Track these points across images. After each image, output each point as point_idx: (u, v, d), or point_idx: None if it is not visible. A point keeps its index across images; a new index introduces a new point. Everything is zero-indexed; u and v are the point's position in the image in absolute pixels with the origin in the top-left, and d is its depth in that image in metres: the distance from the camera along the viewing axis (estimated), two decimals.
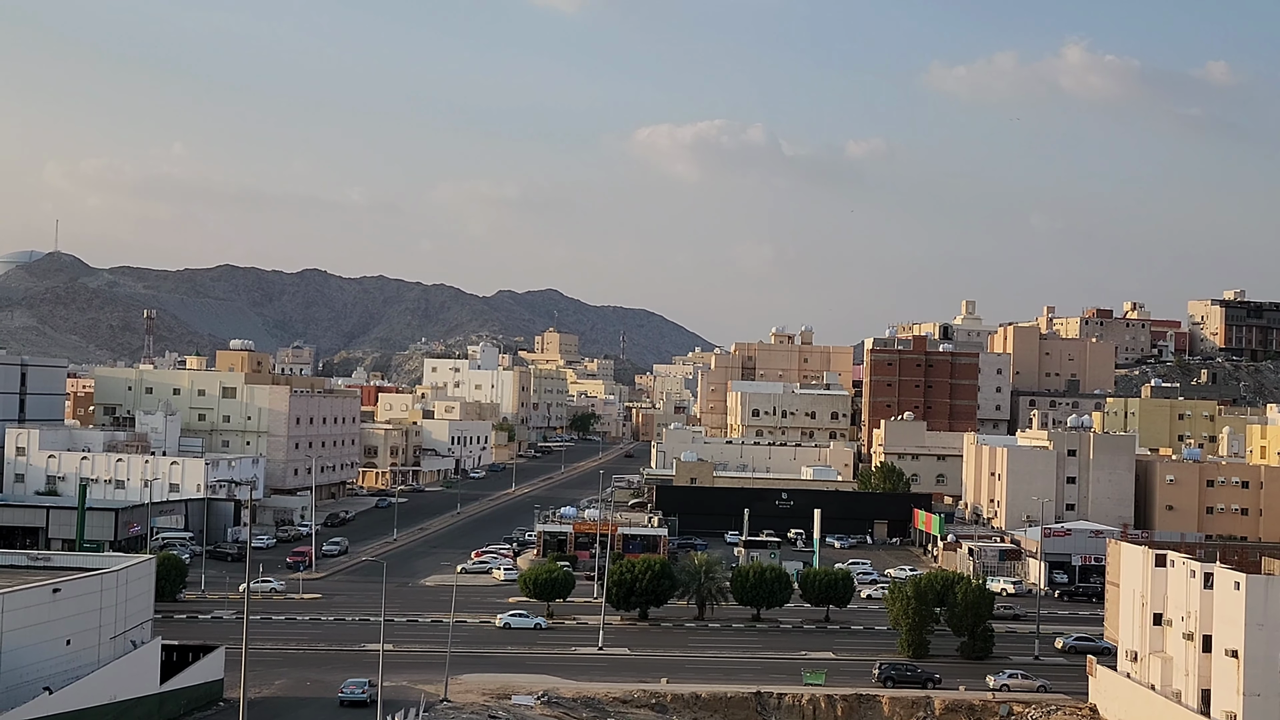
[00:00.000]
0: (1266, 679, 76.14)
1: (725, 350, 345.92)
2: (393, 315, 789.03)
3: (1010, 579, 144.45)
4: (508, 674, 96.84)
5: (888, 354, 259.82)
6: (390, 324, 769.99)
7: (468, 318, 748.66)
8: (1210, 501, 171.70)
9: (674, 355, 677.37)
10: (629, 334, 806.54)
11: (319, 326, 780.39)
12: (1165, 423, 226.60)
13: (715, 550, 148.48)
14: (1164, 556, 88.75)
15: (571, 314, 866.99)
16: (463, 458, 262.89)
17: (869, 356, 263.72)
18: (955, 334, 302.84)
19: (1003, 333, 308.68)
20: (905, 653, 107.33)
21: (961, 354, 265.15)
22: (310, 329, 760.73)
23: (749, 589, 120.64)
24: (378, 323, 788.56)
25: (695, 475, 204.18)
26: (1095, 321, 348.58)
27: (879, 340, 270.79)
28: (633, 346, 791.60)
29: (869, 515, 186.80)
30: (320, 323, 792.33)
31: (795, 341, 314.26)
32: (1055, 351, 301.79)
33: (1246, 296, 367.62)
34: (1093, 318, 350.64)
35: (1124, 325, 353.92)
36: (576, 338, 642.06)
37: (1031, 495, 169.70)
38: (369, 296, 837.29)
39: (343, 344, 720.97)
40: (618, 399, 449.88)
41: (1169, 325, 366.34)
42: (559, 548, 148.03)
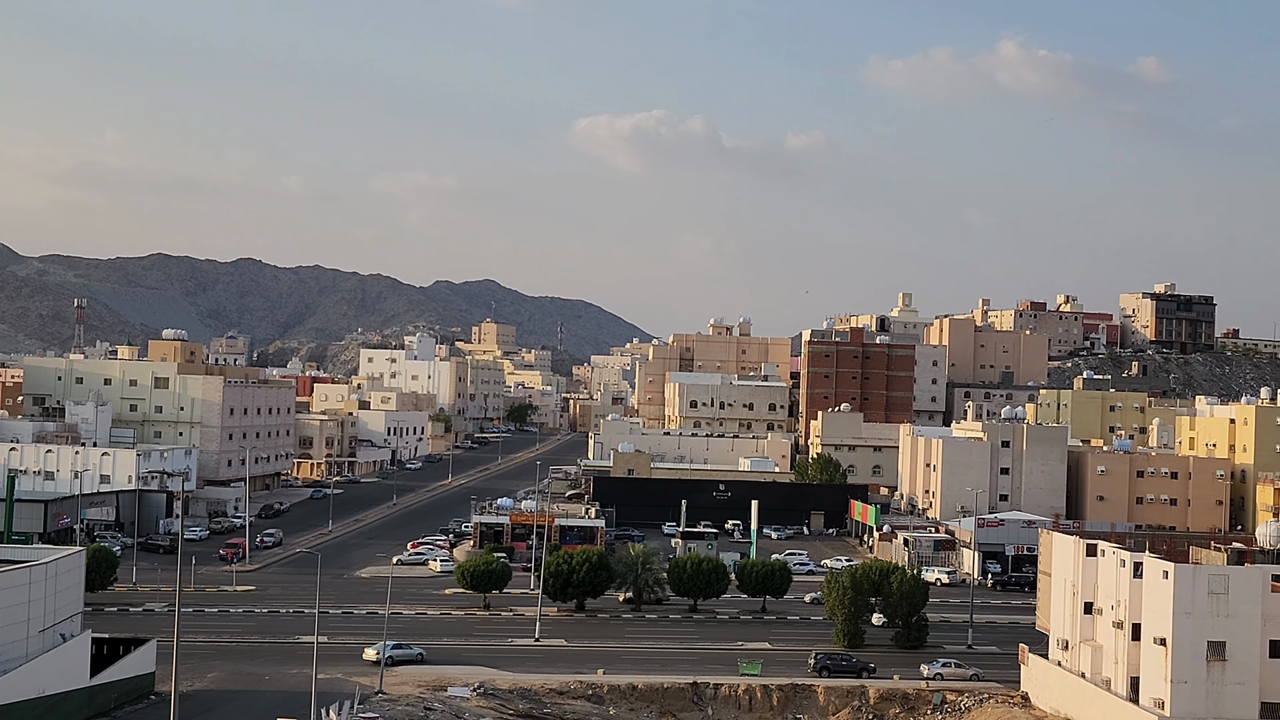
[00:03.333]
0: (1193, 666, 77.42)
1: (663, 342, 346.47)
2: (329, 305, 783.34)
3: (945, 569, 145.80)
4: (443, 666, 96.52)
5: (825, 346, 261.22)
6: (326, 314, 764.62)
7: (404, 308, 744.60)
8: (1140, 492, 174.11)
9: (612, 346, 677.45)
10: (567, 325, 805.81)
11: (253, 316, 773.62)
12: (1097, 414, 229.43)
13: (652, 541, 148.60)
14: (1094, 546, 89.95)
15: (509, 305, 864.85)
16: (399, 449, 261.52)
17: (806, 348, 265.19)
18: (892, 326, 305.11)
19: (939, 325, 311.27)
20: (841, 643, 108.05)
21: (898, 346, 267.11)
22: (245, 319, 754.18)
23: (686, 580, 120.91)
24: (313, 313, 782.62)
25: (633, 466, 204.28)
26: (1029, 314, 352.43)
27: (816, 332, 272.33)
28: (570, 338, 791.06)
29: (806, 506, 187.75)
30: (255, 313, 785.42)
31: (733, 333, 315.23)
32: (990, 344, 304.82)
33: (1177, 290, 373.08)
34: (1027, 311, 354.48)
35: (1057, 318, 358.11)
36: (514, 328, 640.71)
37: (966, 486, 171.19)
38: (305, 286, 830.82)
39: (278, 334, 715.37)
40: (555, 390, 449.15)
41: (1101, 318, 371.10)
42: (495, 539, 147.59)
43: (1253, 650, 77.86)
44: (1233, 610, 77.72)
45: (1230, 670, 77.51)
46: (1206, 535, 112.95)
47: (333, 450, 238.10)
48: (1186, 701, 77.29)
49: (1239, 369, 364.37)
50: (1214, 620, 77.63)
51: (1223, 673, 77.51)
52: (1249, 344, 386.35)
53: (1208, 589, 77.92)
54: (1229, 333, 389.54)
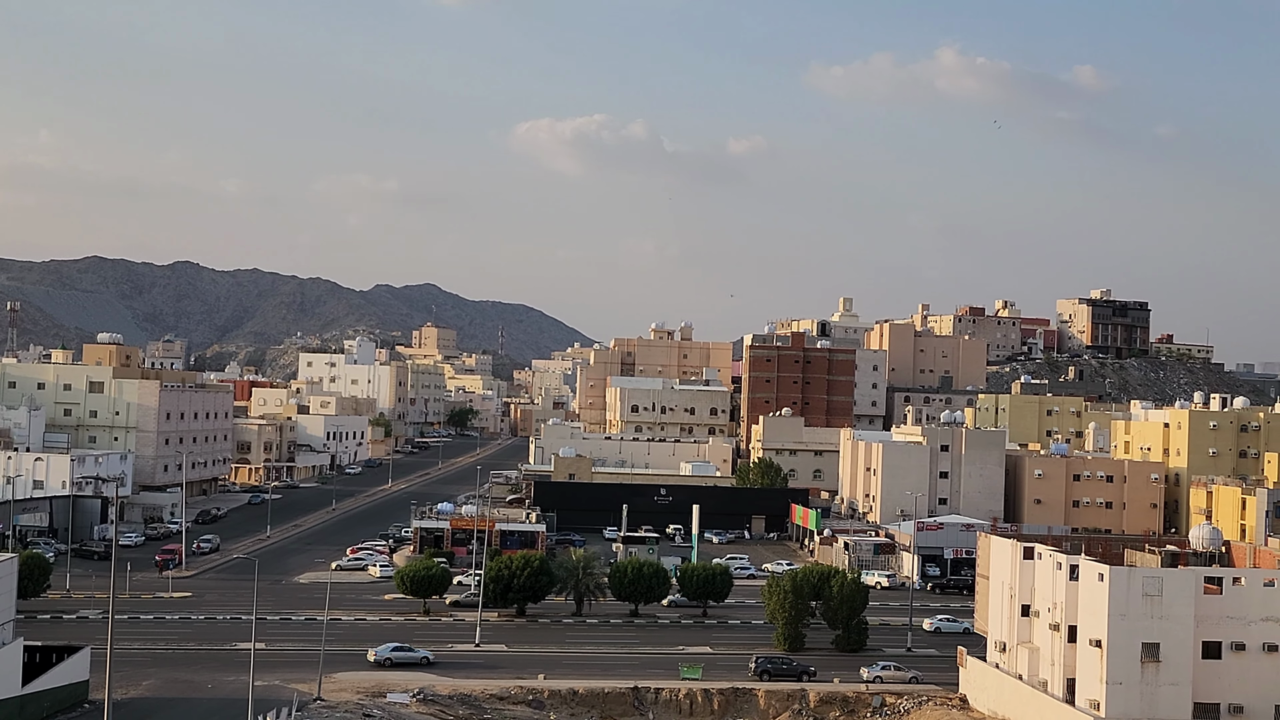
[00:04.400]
0: (1128, 668, 78.37)
1: (605, 346, 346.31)
2: (267, 309, 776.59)
3: (885, 572, 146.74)
4: (383, 671, 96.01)
5: (766, 350, 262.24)
6: (265, 318, 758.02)
7: (344, 312, 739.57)
8: (1076, 495, 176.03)
9: (553, 351, 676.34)
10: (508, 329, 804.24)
11: (191, 320, 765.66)
12: (1034, 418, 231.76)
13: (593, 546, 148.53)
14: (1032, 549, 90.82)
15: (450, 309, 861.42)
16: (338, 453, 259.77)
17: (748, 353, 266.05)
18: (833, 331, 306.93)
19: (879, 330, 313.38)
20: (781, 646, 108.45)
21: (839, 351, 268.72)
22: (182, 322, 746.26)
23: (627, 584, 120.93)
24: (252, 316, 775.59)
25: (574, 471, 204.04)
26: (968, 319, 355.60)
27: (758, 337, 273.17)
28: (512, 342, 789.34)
29: (747, 510, 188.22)
30: (192, 316, 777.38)
31: (675, 337, 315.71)
32: (929, 349, 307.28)
33: (1112, 296, 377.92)
34: (966, 316, 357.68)
35: (995, 323, 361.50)
36: (455, 333, 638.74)
37: (905, 490, 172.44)
38: (243, 290, 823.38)
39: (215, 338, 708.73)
40: (496, 394, 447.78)
41: (1038, 323, 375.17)
42: (436, 544, 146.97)
43: (1185, 651, 78.93)
44: (1166, 612, 78.75)
45: (1164, 671, 78.53)
46: (1141, 538, 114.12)
47: (271, 455, 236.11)
48: (1121, 702, 78.21)
49: (1173, 373, 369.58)
50: (1148, 622, 78.62)
51: (1157, 674, 78.52)
52: (1182, 349, 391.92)
53: (1142, 591, 78.90)
54: (1163, 338, 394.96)
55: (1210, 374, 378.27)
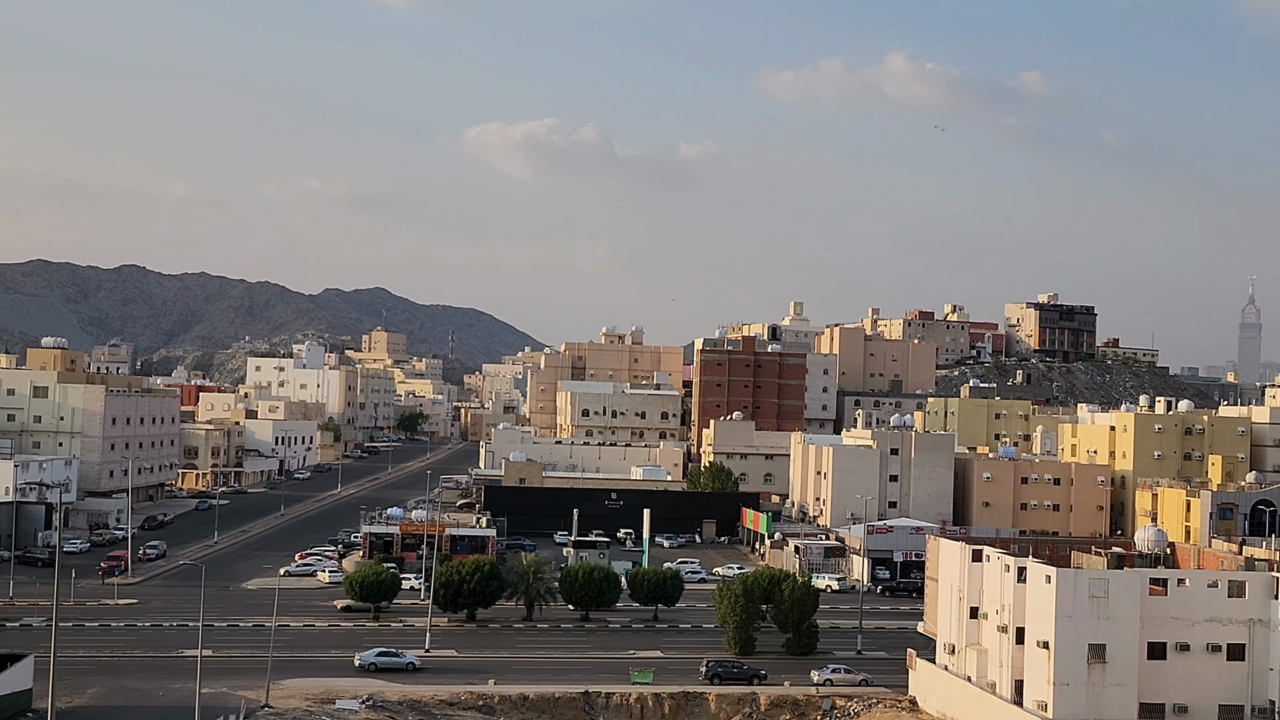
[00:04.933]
0: (1075, 669, 79.06)
1: (555, 350, 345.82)
2: (215, 313, 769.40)
3: (835, 576, 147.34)
4: (332, 678, 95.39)
5: (717, 354, 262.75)
6: (212, 322, 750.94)
7: (293, 316, 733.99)
8: (1024, 498, 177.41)
9: (504, 355, 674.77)
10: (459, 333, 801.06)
11: (137, 324, 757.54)
12: (983, 422, 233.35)
13: (544, 551, 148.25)
14: (980, 552, 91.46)
15: (400, 313, 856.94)
16: (287, 458, 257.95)
17: (698, 357, 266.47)
18: (783, 335, 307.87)
19: (829, 334, 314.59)
20: (732, 650, 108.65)
21: (789, 355, 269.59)
22: (128, 327, 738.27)
23: (578, 589, 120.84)
24: (199, 321, 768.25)
25: (524, 475, 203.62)
26: (918, 323, 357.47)
27: (709, 341, 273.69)
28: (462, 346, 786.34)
29: (698, 514, 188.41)
30: (139, 320, 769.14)
31: (626, 342, 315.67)
32: (879, 352, 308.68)
33: (1059, 300, 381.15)
34: (915, 320, 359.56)
35: (945, 327, 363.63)
36: (404, 337, 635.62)
37: (856, 493, 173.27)
38: (190, 294, 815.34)
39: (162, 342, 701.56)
40: (446, 399, 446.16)
41: (987, 327, 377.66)
42: (385, 549, 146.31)
43: (1131, 652, 79.71)
44: (1112, 613, 79.51)
45: (1110, 672, 79.28)
46: (1088, 540, 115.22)
47: (219, 460, 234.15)
48: (1068, 703, 78.88)
49: (1119, 377, 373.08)
50: (1095, 623, 79.35)
51: (1103, 674, 79.25)
52: (1128, 353, 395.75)
53: (1088, 593, 79.63)
54: (1109, 342, 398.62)
55: (1155, 377, 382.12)
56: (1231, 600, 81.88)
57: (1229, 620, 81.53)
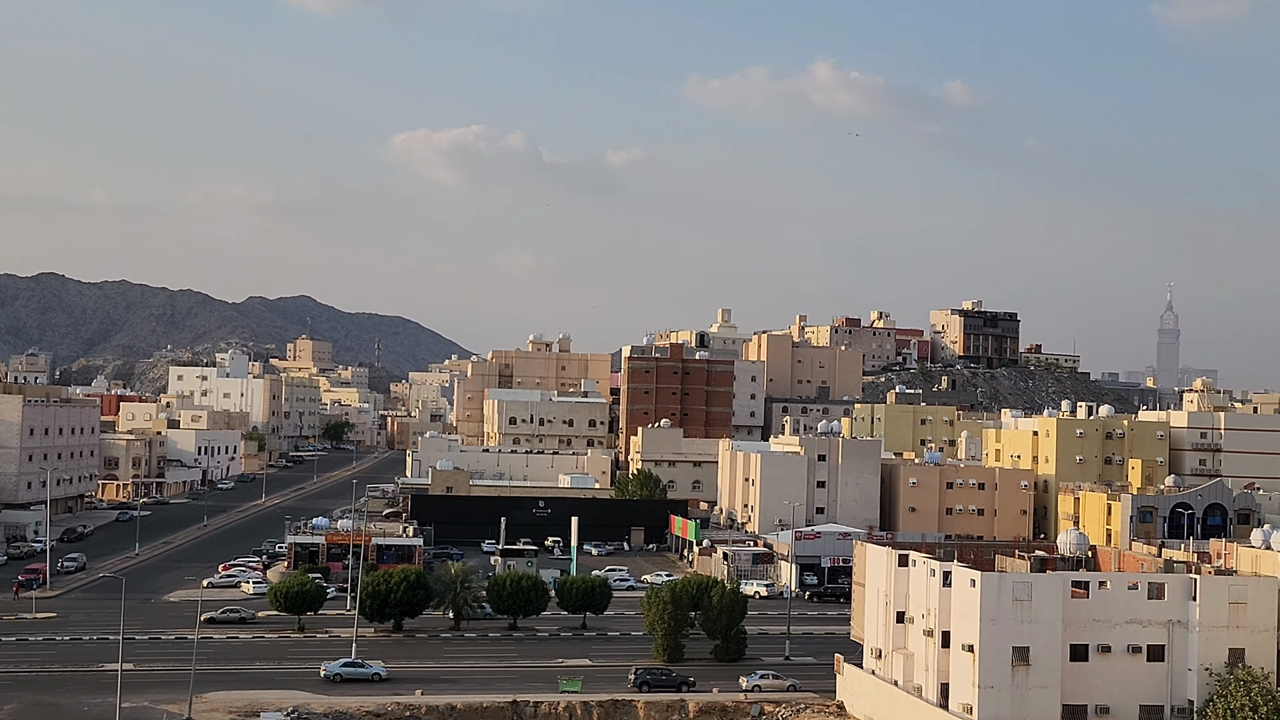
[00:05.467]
0: (999, 672, 79.89)
1: (483, 358, 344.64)
2: (136, 322, 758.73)
3: (763, 582, 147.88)
4: (256, 690, 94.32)
5: (645, 362, 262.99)
6: (134, 331, 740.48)
7: (216, 324, 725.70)
8: (950, 503, 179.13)
9: (431, 363, 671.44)
10: (385, 341, 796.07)
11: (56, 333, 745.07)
12: (909, 428, 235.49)
13: (472, 559, 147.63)
14: (906, 556, 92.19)
15: (325, 321, 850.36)
16: (210, 468, 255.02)
17: (626, 364, 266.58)
18: (711, 342, 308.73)
19: (757, 341, 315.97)
20: (661, 658, 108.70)
21: (717, 362, 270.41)
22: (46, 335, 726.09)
23: (505, 598, 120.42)
24: (120, 329, 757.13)
25: (451, 484, 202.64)
26: (844, 330, 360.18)
27: (636, 348, 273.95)
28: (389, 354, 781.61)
29: (626, 522, 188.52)
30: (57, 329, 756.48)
31: (553, 349, 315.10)
32: (807, 359, 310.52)
33: (983, 307, 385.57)
34: (842, 326, 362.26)
35: (871, 334, 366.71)
36: (330, 345, 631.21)
37: (784, 500, 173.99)
38: (111, 302, 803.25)
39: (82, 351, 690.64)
40: (372, 407, 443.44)
41: (913, 334, 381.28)
42: (310, 559, 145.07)
43: (1054, 654, 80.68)
44: (1036, 616, 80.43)
45: (1034, 674, 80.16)
46: (1011, 544, 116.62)
47: (140, 471, 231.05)
48: (993, 706, 79.69)
49: (1041, 383, 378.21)
50: (1018, 626, 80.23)
51: (1027, 677, 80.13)
52: (1050, 358, 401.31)
53: (1012, 596, 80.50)
54: (1032, 348, 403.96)
55: (1077, 383, 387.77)
56: (1151, 602, 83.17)
57: (1149, 621, 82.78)
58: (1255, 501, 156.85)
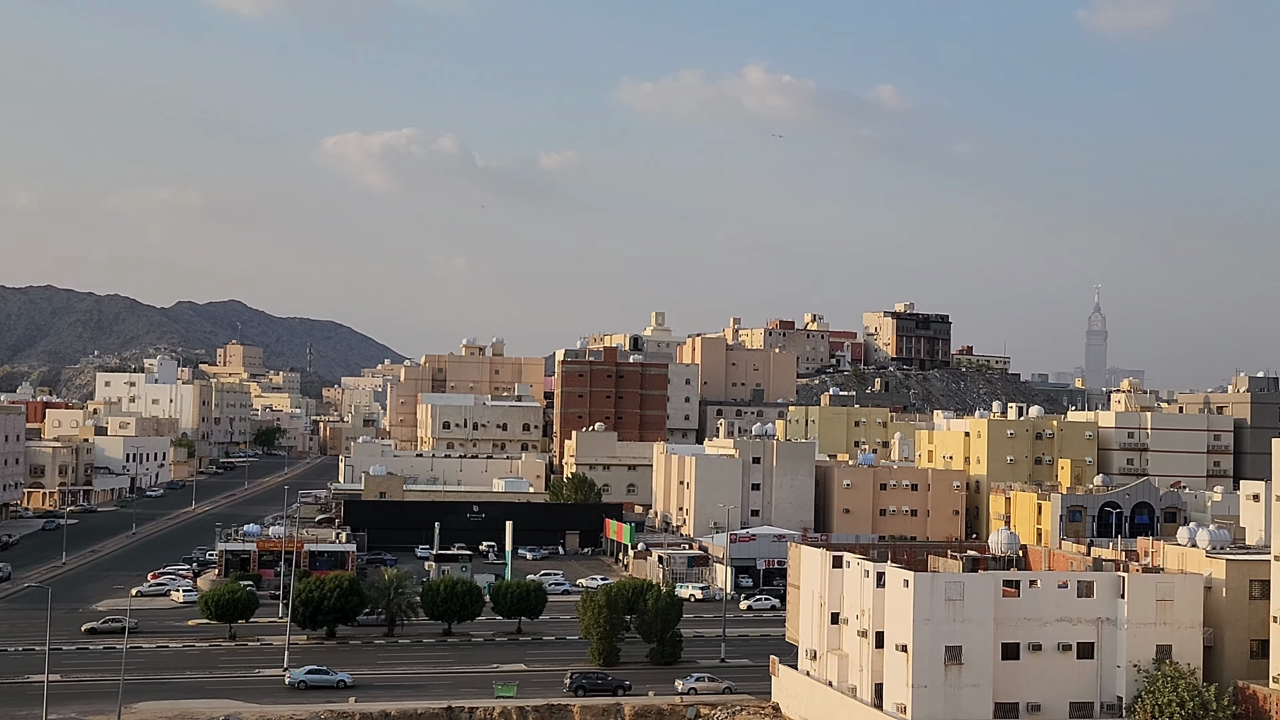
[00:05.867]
0: (933, 671, 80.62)
1: (416, 362, 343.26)
2: (62, 327, 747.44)
3: (699, 585, 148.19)
4: (187, 700, 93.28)
5: (579, 365, 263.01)
6: (59, 336, 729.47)
7: (145, 330, 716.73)
8: (883, 504, 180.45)
9: (363, 368, 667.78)
10: (317, 346, 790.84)
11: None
12: (843, 430, 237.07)
13: (405, 565, 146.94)
14: (840, 558, 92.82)
15: (256, 326, 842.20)
16: (139, 476, 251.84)
17: (560, 368, 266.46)
18: (645, 345, 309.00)
19: (691, 344, 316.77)
20: (596, 661, 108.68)
21: (651, 365, 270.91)
22: None
23: (440, 603, 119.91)
24: (45, 335, 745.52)
25: (384, 489, 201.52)
26: (778, 333, 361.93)
27: (570, 352, 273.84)
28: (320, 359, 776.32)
29: (561, 526, 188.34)
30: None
31: (487, 353, 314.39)
32: (741, 362, 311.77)
33: (915, 309, 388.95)
34: (776, 329, 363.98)
35: (805, 336, 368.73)
36: (261, 350, 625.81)
37: (718, 502, 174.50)
38: (35, 308, 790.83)
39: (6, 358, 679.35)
40: (304, 413, 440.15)
41: (846, 336, 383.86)
42: (242, 567, 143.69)
43: (986, 653, 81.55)
44: (968, 615, 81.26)
45: (966, 673, 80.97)
46: (944, 544, 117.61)
47: (67, 479, 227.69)
48: (926, 705, 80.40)
49: (973, 384, 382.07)
50: (951, 626, 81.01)
51: (959, 676, 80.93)
52: (981, 360, 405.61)
53: (945, 596, 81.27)
54: (963, 350, 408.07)
55: (1008, 384, 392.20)
56: (1081, 600, 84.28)
57: (1078, 619, 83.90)
58: (1181, 500, 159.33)
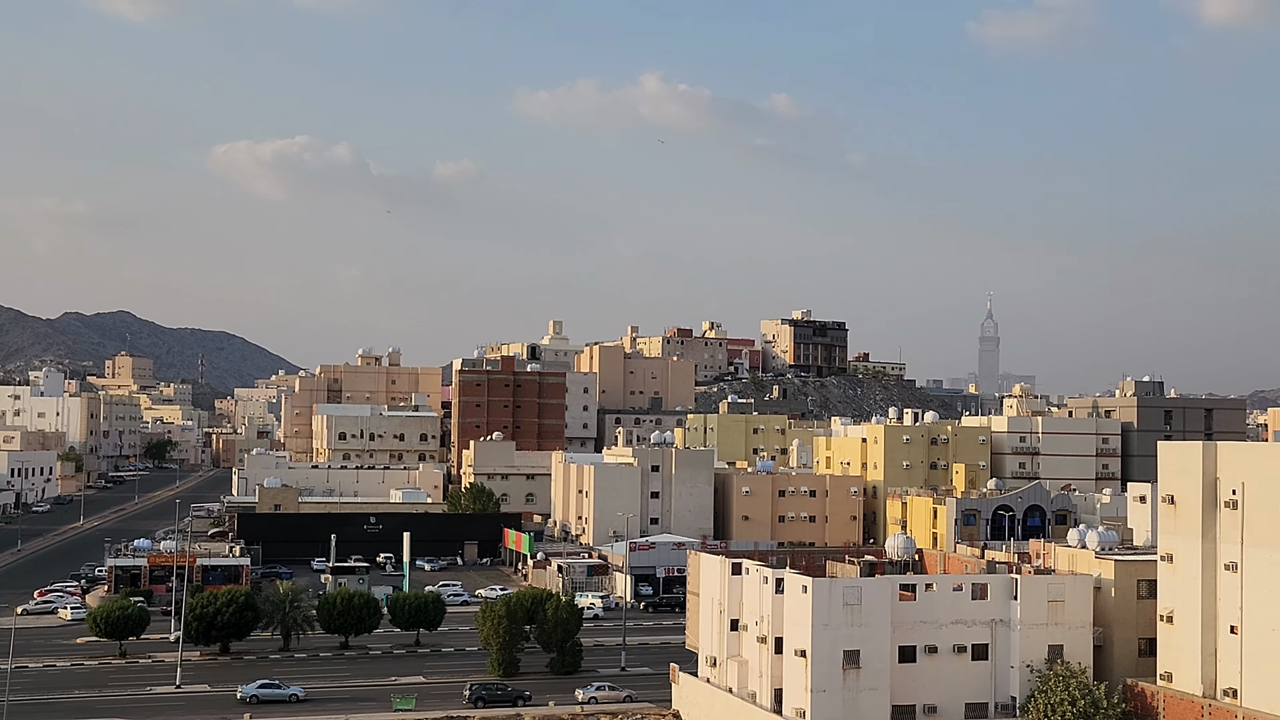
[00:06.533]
0: (831, 675, 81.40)
1: (311, 373, 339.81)
2: None
3: (598, 594, 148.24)
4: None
5: (476, 374, 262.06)
6: None
7: (30, 341, 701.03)
8: (782, 511, 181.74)
9: (257, 379, 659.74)
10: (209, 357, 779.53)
11: None
12: (741, 437, 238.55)
13: (301, 578, 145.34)
14: (739, 565, 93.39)
15: (146, 337, 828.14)
16: (24, 490, 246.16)
17: (457, 377, 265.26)
18: (543, 354, 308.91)
19: (589, 352, 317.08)
20: (496, 672, 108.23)
21: (549, 374, 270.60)
22: None
23: (336, 616, 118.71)
24: None
25: (279, 502, 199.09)
26: (676, 341, 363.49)
27: (467, 361, 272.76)
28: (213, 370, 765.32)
29: (459, 537, 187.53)
30: None
31: (383, 363, 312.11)
32: (639, 370, 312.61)
33: (813, 316, 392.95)
34: (674, 337, 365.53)
35: (703, 344, 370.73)
36: (151, 362, 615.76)
37: (618, 511, 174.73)
38: None
39: None
40: (197, 425, 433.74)
41: (744, 344, 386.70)
42: (132, 583, 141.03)
43: (884, 657, 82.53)
44: (865, 620, 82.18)
45: (864, 677, 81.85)
46: (842, 550, 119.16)
47: None
48: (825, 709, 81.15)
49: (870, 390, 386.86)
50: (849, 630, 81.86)
51: (858, 680, 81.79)
52: (878, 367, 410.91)
53: (843, 601, 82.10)
54: (860, 356, 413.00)
55: (903, 390, 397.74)
56: (975, 602, 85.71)
57: (973, 621, 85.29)
58: (1071, 502, 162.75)
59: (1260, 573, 76.07)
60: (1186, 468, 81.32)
